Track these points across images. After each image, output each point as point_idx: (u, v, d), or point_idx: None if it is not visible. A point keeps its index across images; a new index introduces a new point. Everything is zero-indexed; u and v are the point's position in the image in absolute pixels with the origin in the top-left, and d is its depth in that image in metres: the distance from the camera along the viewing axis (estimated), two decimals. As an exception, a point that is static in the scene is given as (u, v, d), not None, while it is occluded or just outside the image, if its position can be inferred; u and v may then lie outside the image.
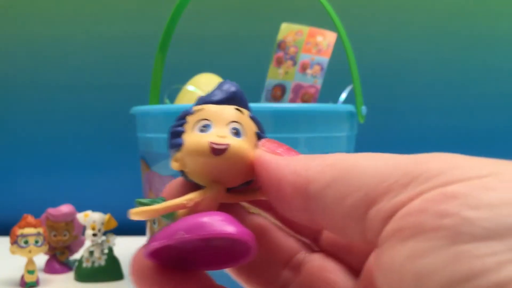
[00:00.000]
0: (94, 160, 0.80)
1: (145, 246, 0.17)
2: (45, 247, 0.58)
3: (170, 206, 0.18)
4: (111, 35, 0.81)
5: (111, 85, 0.80)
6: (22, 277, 0.58)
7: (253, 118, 0.19)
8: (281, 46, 0.58)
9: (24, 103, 0.82)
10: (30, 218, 0.58)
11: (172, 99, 0.63)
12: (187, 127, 0.19)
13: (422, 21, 0.80)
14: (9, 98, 0.82)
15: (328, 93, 0.58)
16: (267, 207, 0.20)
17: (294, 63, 0.57)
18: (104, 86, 0.80)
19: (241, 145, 0.18)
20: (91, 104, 0.80)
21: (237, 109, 0.19)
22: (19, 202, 0.77)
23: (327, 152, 0.51)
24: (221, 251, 0.18)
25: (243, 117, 0.19)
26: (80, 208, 0.63)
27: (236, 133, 0.19)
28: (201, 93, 0.57)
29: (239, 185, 0.19)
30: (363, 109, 0.53)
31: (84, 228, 0.61)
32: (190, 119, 0.19)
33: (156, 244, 0.17)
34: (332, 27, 0.53)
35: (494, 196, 0.12)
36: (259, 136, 0.19)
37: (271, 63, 0.59)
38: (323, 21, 0.56)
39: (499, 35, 0.80)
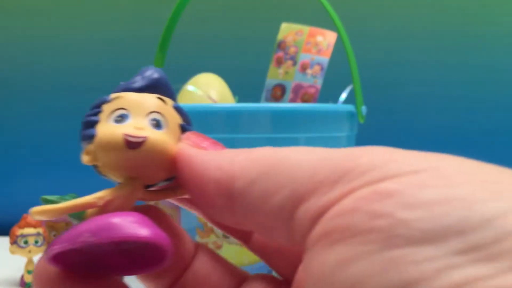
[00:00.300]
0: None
1: (46, 250, 0.15)
2: (45, 247, 0.58)
3: (77, 205, 0.16)
4: (111, 34, 0.81)
5: (111, 85, 0.80)
6: (22, 277, 0.58)
7: (177, 109, 0.17)
8: (281, 46, 0.58)
9: (24, 103, 0.82)
10: (29, 218, 0.58)
11: (172, 99, 0.63)
12: (102, 116, 0.17)
13: (423, 21, 0.80)
14: (9, 98, 0.82)
15: (328, 93, 0.58)
16: (194, 205, 0.18)
17: (294, 63, 0.57)
18: (104, 86, 0.80)
19: (161, 137, 0.16)
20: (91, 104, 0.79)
21: (159, 98, 0.17)
22: (18, 202, 0.77)
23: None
24: (136, 255, 0.16)
25: (166, 107, 0.17)
26: (80, 208, 0.63)
27: (157, 124, 0.17)
28: (201, 93, 0.57)
29: (159, 182, 0.17)
30: (363, 109, 0.53)
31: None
32: (106, 107, 0.17)
33: (57, 249, 0.15)
34: (332, 27, 0.53)
35: (430, 194, 0.11)
36: (184, 128, 0.17)
37: (271, 63, 0.59)
38: (323, 21, 0.56)
39: (500, 35, 0.80)
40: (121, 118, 0.16)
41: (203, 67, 0.62)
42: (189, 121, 0.18)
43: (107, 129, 0.16)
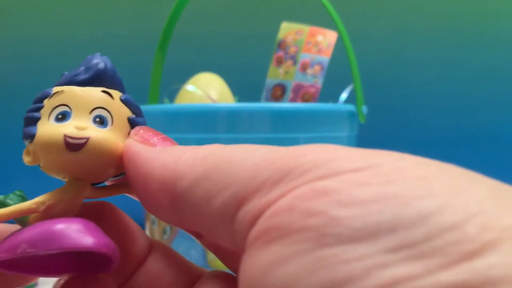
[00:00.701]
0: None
1: None
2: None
3: (16, 211, 0.15)
4: (110, 34, 0.81)
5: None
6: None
7: (125, 101, 0.16)
8: (281, 45, 0.58)
9: (22, 103, 0.81)
10: (28, 219, 0.57)
11: (171, 99, 0.62)
12: (43, 113, 0.16)
13: (424, 20, 0.80)
14: (8, 97, 0.82)
15: (329, 92, 0.58)
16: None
17: (295, 63, 0.57)
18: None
19: (105, 137, 0.15)
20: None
21: (104, 91, 0.16)
22: (17, 202, 0.77)
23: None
24: (81, 258, 0.15)
25: (112, 101, 0.16)
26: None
27: (101, 122, 0.16)
28: (201, 92, 0.56)
29: (107, 179, 0.16)
30: (364, 109, 0.53)
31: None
32: (48, 103, 0.16)
33: None
34: (332, 26, 0.53)
35: (366, 192, 0.10)
36: (133, 121, 0.16)
37: (271, 63, 0.58)
38: (323, 20, 0.56)
39: (500, 34, 0.79)
40: (62, 116, 0.15)
41: (203, 66, 0.62)
42: (140, 113, 0.17)
43: (47, 128, 0.15)
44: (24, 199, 0.16)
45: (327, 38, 0.57)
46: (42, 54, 0.81)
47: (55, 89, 0.16)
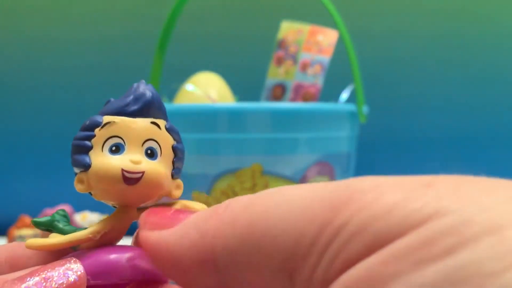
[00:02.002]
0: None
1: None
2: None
3: (73, 240, 0.16)
4: (110, 34, 0.80)
5: (110, 84, 0.79)
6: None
7: (169, 130, 0.17)
8: (282, 45, 0.58)
9: (22, 103, 0.81)
10: (27, 219, 0.57)
11: (171, 98, 0.62)
12: (96, 142, 0.16)
13: (424, 20, 0.79)
14: (7, 97, 0.81)
15: (329, 92, 0.58)
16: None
17: (295, 62, 0.57)
18: (103, 85, 0.80)
19: (157, 169, 0.16)
20: (90, 104, 0.79)
21: (153, 123, 0.17)
22: (16, 203, 0.76)
23: (328, 152, 0.50)
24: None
25: (160, 132, 0.17)
26: (78, 209, 0.63)
27: (152, 154, 0.17)
28: (201, 92, 0.56)
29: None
30: (365, 108, 0.53)
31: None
32: (99, 133, 0.16)
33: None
34: (333, 25, 0.53)
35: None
36: (175, 149, 0.17)
37: (271, 62, 0.58)
38: (324, 20, 0.56)
39: (501, 34, 0.79)
40: (116, 148, 0.16)
41: (203, 66, 0.62)
42: (180, 139, 0.18)
43: (104, 161, 0.16)
44: (68, 219, 0.17)
45: (328, 37, 0.56)
46: (42, 54, 0.81)
47: (106, 118, 0.17)
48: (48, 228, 0.17)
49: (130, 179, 0.16)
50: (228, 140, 0.47)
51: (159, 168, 0.16)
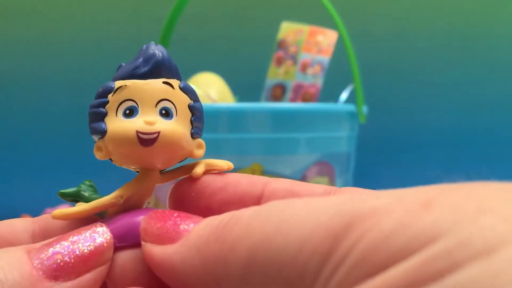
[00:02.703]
0: (92, 160, 0.79)
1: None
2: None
3: (98, 206, 0.16)
4: (110, 34, 0.80)
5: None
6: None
7: (184, 89, 0.17)
8: (282, 45, 0.58)
9: (22, 103, 0.81)
10: (28, 218, 0.57)
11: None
12: (110, 108, 0.16)
13: (424, 20, 0.79)
14: (8, 97, 0.82)
15: (329, 92, 0.58)
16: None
17: (295, 63, 0.57)
18: (103, 86, 0.80)
19: (173, 128, 0.16)
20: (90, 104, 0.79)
21: (165, 82, 0.17)
22: (17, 202, 0.76)
23: (328, 152, 0.50)
24: None
25: (173, 92, 0.17)
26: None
27: (167, 113, 0.16)
28: (201, 92, 0.56)
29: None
30: (364, 108, 0.53)
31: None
32: (113, 99, 0.16)
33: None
34: (333, 26, 0.53)
35: None
36: (192, 108, 0.17)
37: (271, 63, 0.58)
38: (323, 20, 0.56)
39: (501, 34, 0.79)
40: (130, 111, 0.16)
41: (203, 66, 0.62)
42: (197, 98, 0.17)
43: (118, 125, 0.16)
44: (95, 189, 0.17)
45: (327, 37, 0.57)
46: (42, 54, 0.81)
47: (118, 83, 0.17)
48: (75, 198, 0.17)
49: (145, 140, 0.16)
50: (228, 140, 0.47)
51: (175, 127, 0.16)
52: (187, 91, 0.17)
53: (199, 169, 0.17)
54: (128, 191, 0.16)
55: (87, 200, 0.17)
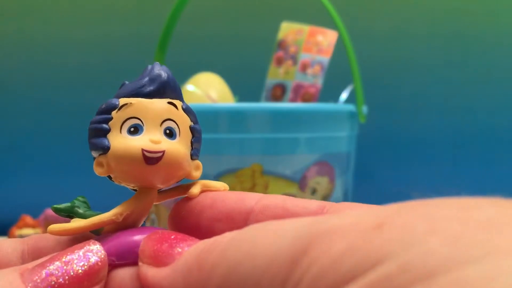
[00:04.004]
0: (93, 160, 0.79)
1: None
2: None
3: (96, 223, 0.16)
4: (111, 34, 0.80)
5: (110, 85, 0.79)
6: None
7: (186, 110, 0.17)
8: (282, 45, 0.58)
9: (22, 103, 0.81)
10: (28, 219, 0.57)
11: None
12: (113, 125, 0.16)
13: (424, 21, 0.79)
14: (7, 98, 0.82)
15: (329, 92, 0.58)
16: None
17: (295, 63, 0.57)
18: (103, 86, 0.80)
19: (177, 149, 0.16)
20: (91, 104, 0.79)
21: (170, 103, 0.17)
22: (17, 203, 0.76)
23: (328, 152, 0.50)
24: None
25: (177, 112, 0.17)
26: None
27: (171, 133, 0.16)
28: (201, 92, 0.56)
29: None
30: (364, 108, 0.53)
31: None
32: (117, 115, 0.16)
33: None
34: (333, 26, 0.53)
35: None
36: (193, 130, 0.17)
37: (271, 63, 0.58)
38: (324, 20, 0.56)
39: (501, 34, 0.79)
40: (134, 129, 0.16)
41: (203, 66, 0.62)
42: (196, 120, 0.18)
43: (123, 142, 0.16)
44: (88, 205, 0.17)
45: (327, 37, 0.57)
46: (43, 54, 0.81)
47: (123, 100, 0.17)
48: (69, 214, 0.17)
49: (150, 158, 0.16)
50: (228, 140, 0.47)
51: (179, 147, 0.16)
52: (189, 112, 0.17)
53: (195, 189, 0.17)
54: (127, 209, 0.16)
55: (82, 216, 0.17)
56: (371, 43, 0.77)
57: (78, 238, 0.16)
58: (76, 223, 0.16)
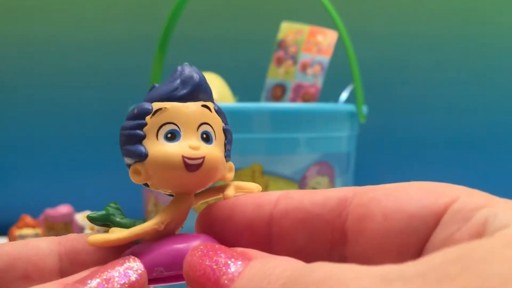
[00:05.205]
0: (93, 160, 0.79)
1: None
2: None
3: (139, 233, 0.16)
4: (110, 35, 0.80)
5: (110, 85, 0.80)
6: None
7: (218, 111, 0.17)
8: (282, 45, 0.58)
9: (21, 103, 0.81)
10: (28, 219, 0.57)
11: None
12: (148, 131, 0.16)
13: (424, 21, 0.79)
14: (7, 98, 0.82)
15: (329, 92, 0.58)
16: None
17: (295, 63, 0.57)
18: (103, 86, 0.80)
19: (215, 154, 0.16)
20: (90, 104, 0.79)
21: (204, 106, 0.16)
22: (17, 203, 0.76)
23: (328, 152, 0.50)
24: None
25: (211, 115, 0.17)
26: (79, 209, 0.63)
27: (207, 137, 0.16)
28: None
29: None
30: (364, 109, 0.53)
31: (82, 229, 0.60)
32: (151, 121, 0.16)
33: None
34: (333, 26, 0.53)
35: None
36: (226, 131, 0.17)
37: (271, 63, 0.58)
38: (324, 20, 0.56)
39: (501, 34, 0.79)
40: (172, 135, 0.16)
41: (203, 66, 0.62)
42: (227, 120, 0.17)
43: (162, 149, 0.16)
44: (121, 211, 0.17)
45: (327, 38, 0.57)
46: (43, 54, 0.81)
47: (156, 105, 0.16)
48: (105, 223, 0.16)
49: (191, 165, 0.15)
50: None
51: (217, 152, 0.16)
52: (220, 113, 0.17)
53: (230, 192, 0.17)
54: (168, 217, 0.16)
55: (119, 225, 0.16)
56: (371, 43, 0.77)
57: (118, 246, 0.16)
58: (118, 234, 0.16)
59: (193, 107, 0.16)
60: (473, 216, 0.13)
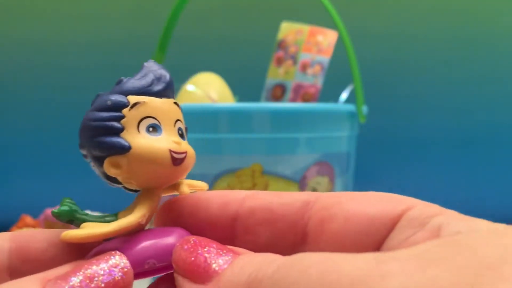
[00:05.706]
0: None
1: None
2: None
3: (125, 228, 0.15)
4: (110, 35, 0.80)
5: (110, 85, 0.80)
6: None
7: (182, 110, 0.17)
8: (281, 45, 0.58)
9: (21, 103, 0.81)
10: (28, 219, 0.57)
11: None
12: (127, 123, 0.16)
13: (424, 21, 0.80)
14: (6, 98, 0.82)
15: (329, 92, 0.58)
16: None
17: (295, 63, 0.57)
18: (103, 86, 0.80)
19: (192, 150, 0.17)
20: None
21: (175, 103, 0.17)
22: (17, 203, 0.76)
23: (328, 152, 0.50)
24: None
25: (180, 113, 0.17)
26: (79, 209, 0.63)
27: (181, 134, 0.17)
28: (201, 92, 0.56)
29: None
30: (364, 108, 0.53)
31: (83, 229, 0.60)
32: (130, 114, 0.16)
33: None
34: (333, 26, 0.53)
35: None
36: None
37: (271, 63, 0.58)
38: (324, 20, 0.56)
39: (501, 34, 0.79)
40: (153, 129, 0.16)
41: (203, 66, 0.62)
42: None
43: (147, 142, 0.15)
44: (78, 206, 0.17)
45: (327, 38, 0.57)
46: (43, 54, 0.81)
47: (134, 98, 0.16)
48: (71, 218, 0.16)
49: (177, 159, 0.16)
50: (228, 140, 0.47)
51: (190, 147, 0.17)
52: (182, 111, 0.18)
53: (185, 189, 0.17)
54: (147, 211, 0.16)
55: (84, 220, 0.16)
56: (371, 43, 0.77)
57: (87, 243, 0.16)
58: (101, 228, 0.15)
59: (168, 103, 0.17)
60: (428, 222, 0.13)
